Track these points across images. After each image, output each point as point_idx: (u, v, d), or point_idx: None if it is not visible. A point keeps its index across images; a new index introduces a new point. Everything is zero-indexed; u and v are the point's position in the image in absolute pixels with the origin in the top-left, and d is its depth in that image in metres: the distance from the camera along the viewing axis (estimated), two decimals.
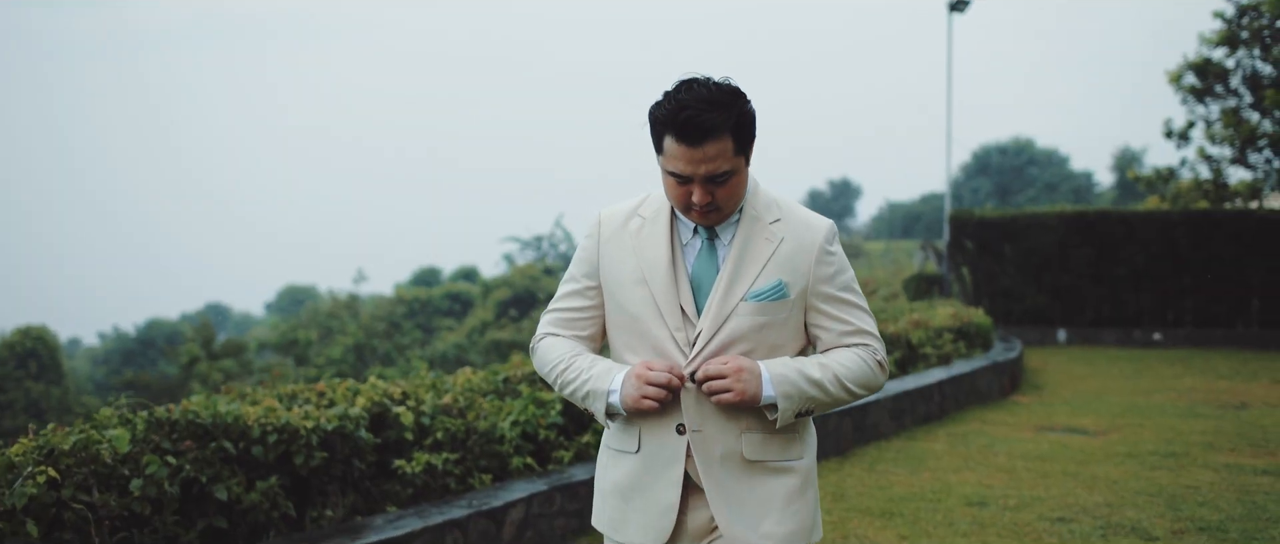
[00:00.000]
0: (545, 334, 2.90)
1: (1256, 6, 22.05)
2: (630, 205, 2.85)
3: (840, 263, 2.78)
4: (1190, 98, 23.30)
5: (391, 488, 5.65)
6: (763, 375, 2.62)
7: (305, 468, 5.19)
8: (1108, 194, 71.60)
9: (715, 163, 2.57)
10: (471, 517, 5.36)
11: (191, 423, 4.98)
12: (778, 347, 2.72)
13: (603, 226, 2.83)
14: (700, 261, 2.74)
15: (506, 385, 7.03)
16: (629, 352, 2.78)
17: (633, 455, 2.75)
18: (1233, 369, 15.51)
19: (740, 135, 2.60)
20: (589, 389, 2.72)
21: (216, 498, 4.87)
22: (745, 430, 2.69)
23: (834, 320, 2.75)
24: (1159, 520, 6.50)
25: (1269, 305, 19.68)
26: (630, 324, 2.75)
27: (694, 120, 2.53)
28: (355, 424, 5.47)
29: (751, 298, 2.67)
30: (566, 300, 2.88)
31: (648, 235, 2.76)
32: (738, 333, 2.67)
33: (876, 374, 2.77)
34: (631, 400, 2.62)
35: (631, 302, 2.74)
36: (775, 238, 2.72)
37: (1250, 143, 22.71)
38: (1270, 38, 22.25)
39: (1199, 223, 20.02)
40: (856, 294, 2.80)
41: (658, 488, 2.72)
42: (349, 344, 38.46)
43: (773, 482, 2.71)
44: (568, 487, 6.01)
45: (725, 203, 2.64)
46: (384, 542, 4.89)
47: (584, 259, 2.85)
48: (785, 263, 2.71)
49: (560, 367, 2.79)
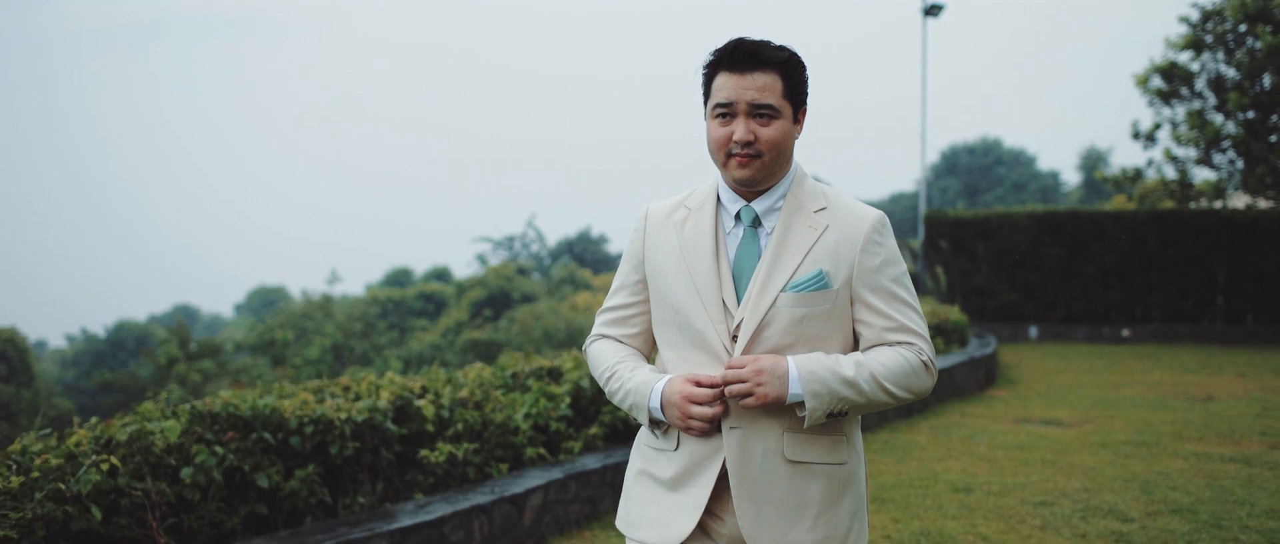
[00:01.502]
0: (597, 336, 2.89)
1: (1220, 11, 22.61)
2: (677, 198, 2.81)
3: (888, 255, 2.68)
4: (1157, 100, 23.83)
5: (414, 477, 5.98)
6: (790, 373, 2.53)
7: (339, 457, 5.52)
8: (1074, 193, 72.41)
9: (762, 92, 2.56)
10: (495, 502, 5.69)
11: (233, 415, 5.29)
12: (820, 339, 2.62)
13: (649, 219, 2.80)
14: (742, 249, 2.68)
15: (515, 380, 7.37)
16: (669, 348, 2.74)
17: (671, 453, 2.70)
18: (1199, 363, 16.00)
19: (790, 80, 2.59)
20: (632, 402, 2.70)
21: (258, 485, 5.19)
22: (788, 429, 2.60)
23: (877, 315, 2.64)
24: (1134, 503, 6.90)
25: (1233, 302, 20.23)
26: (673, 317, 2.70)
27: (745, 47, 2.57)
28: (383, 416, 5.80)
29: (791, 288, 2.60)
30: (617, 297, 2.85)
31: (692, 225, 2.71)
32: (777, 325, 2.59)
33: (921, 376, 2.64)
34: (678, 427, 2.62)
35: (675, 292, 2.69)
36: (819, 226, 2.64)
37: (1215, 144, 23.26)
38: (1233, 42, 22.81)
39: (1166, 222, 20.55)
40: (905, 289, 2.68)
41: (691, 485, 2.65)
42: (326, 344, 38.60)
43: (811, 485, 2.62)
44: (581, 475, 6.35)
45: (767, 149, 2.59)
46: (417, 525, 5.21)
47: (632, 254, 2.82)
48: (828, 252, 2.62)
49: (606, 374, 2.79)
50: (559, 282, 59.39)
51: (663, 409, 2.64)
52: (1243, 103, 22.11)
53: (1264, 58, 21.85)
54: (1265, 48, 21.52)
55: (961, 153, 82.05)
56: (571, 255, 77.86)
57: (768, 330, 2.60)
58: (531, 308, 45.86)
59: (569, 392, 7.13)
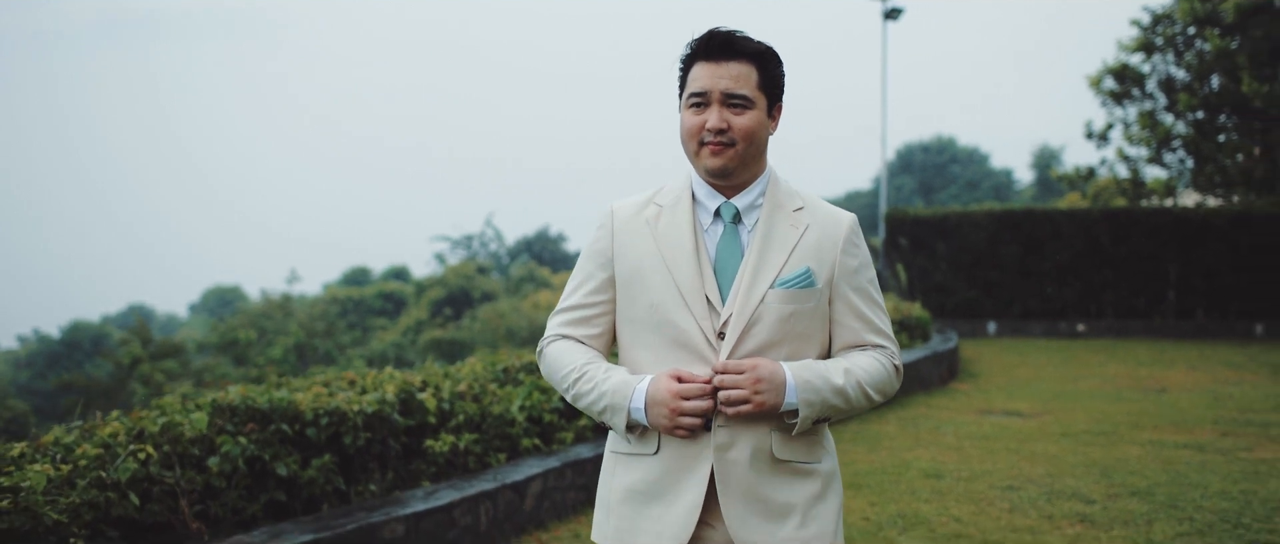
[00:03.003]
0: (556, 337, 2.77)
1: (1170, 15, 23.24)
2: (644, 196, 2.77)
3: (864, 257, 2.73)
4: (1109, 101, 24.48)
5: (417, 466, 6.28)
6: (786, 382, 2.53)
7: (352, 447, 5.82)
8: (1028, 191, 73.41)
9: (736, 82, 2.56)
10: (499, 489, 6.02)
11: (251, 407, 5.59)
12: (805, 337, 2.63)
13: (615, 217, 2.74)
14: (723, 247, 2.65)
15: (506, 374, 7.69)
16: (643, 348, 2.66)
17: (650, 457, 2.62)
18: (1152, 357, 16.54)
19: (765, 72, 2.61)
20: (606, 404, 2.59)
21: (277, 474, 5.48)
22: (774, 428, 2.58)
23: (855, 318, 2.68)
24: (1095, 487, 7.32)
25: (1184, 298, 20.84)
26: (648, 315, 2.64)
27: (721, 36, 2.59)
28: (391, 408, 6.11)
29: (780, 285, 2.59)
30: (578, 296, 2.76)
31: (667, 222, 2.67)
32: (766, 322, 2.58)
33: (893, 380, 2.70)
34: (663, 428, 2.54)
35: (652, 289, 2.63)
36: (800, 225, 2.65)
37: (1165, 144, 23.93)
38: (1183, 44, 23.46)
39: (1119, 220, 21.13)
40: (878, 292, 2.74)
41: (680, 489, 2.59)
42: (289, 344, 38.67)
43: (797, 484, 2.61)
44: (576, 463, 6.69)
45: (741, 138, 2.58)
46: (429, 511, 5.53)
47: (597, 251, 2.74)
48: (812, 251, 2.63)
49: (572, 376, 2.67)
50: (519, 280, 59.58)
51: (646, 410, 2.54)
52: (1192, 103, 22.77)
53: (1212, 60, 22.51)
54: (1213, 50, 22.18)
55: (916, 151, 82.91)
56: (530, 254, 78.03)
57: (756, 327, 2.58)
58: (493, 306, 46.11)
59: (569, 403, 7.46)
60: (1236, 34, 22.44)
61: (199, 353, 42.50)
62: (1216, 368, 14.88)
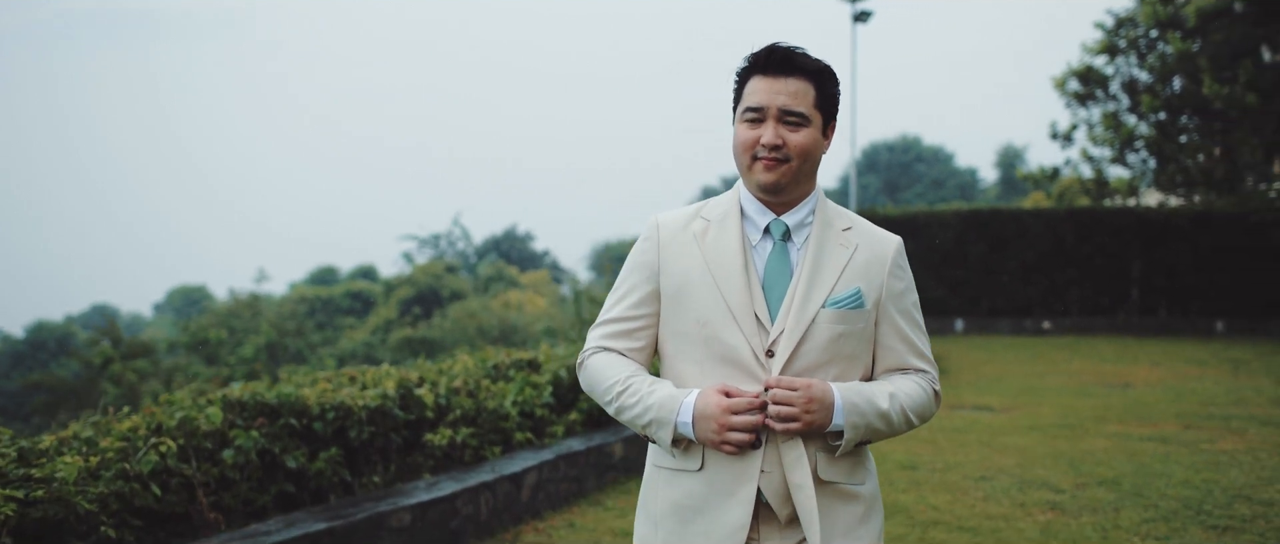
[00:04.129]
0: (597, 349, 2.73)
1: (1133, 18, 23.72)
2: (690, 209, 2.75)
3: (909, 280, 2.72)
4: (1074, 102, 24.94)
5: (416, 459, 6.52)
6: (835, 403, 2.51)
7: (357, 440, 6.06)
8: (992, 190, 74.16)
9: (794, 98, 2.54)
10: (498, 480, 6.27)
11: (260, 403, 5.82)
12: (853, 358, 2.61)
13: (661, 230, 2.71)
14: (771, 264, 2.62)
15: (497, 371, 7.93)
16: (689, 363, 2.62)
17: (694, 474, 2.58)
18: (1116, 353, 16.95)
19: (822, 90, 2.58)
20: (652, 418, 2.55)
21: (287, 466, 5.71)
22: (819, 449, 2.56)
23: (900, 340, 2.67)
24: (1064, 477, 7.64)
25: (1146, 295, 21.30)
26: (696, 330, 2.60)
27: (780, 52, 2.57)
28: (392, 403, 6.35)
29: (831, 305, 2.57)
30: (621, 309, 2.72)
31: (715, 237, 2.65)
32: (816, 342, 2.56)
33: (933, 405, 2.69)
34: (711, 443, 2.50)
35: (700, 306, 2.60)
36: (850, 245, 2.64)
37: (1128, 144, 24.41)
38: (1146, 47, 23.94)
39: (1083, 219, 21.57)
40: (920, 316, 2.74)
41: (726, 508, 2.54)
42: (260, 343, 38.70)
43: (840, 507, 2.58)
44: (568, 456, 6.95)
45: (796, 155, 2.56)
46: (433, 501, 5.77)
47: (642, 264, 2.71)
48: (861, 272, 2.62)
49: (615, 389, 2.63)
50: (488, 279, 59.71)
51: (694, 424, 2.50)
52: (1154, 105, 23.25)
53: (1174, 63, 22.99)
54: (1175, 53, 22.66)
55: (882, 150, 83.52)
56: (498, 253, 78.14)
57: (805, 346, 2.55)
58: (464, 305, 46.27)
59: (550, 381, 7.72)
60: (1197, 37, 22.93)
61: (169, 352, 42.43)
62: (1178, 364, 15.28)
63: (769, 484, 2.53)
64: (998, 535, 6.14)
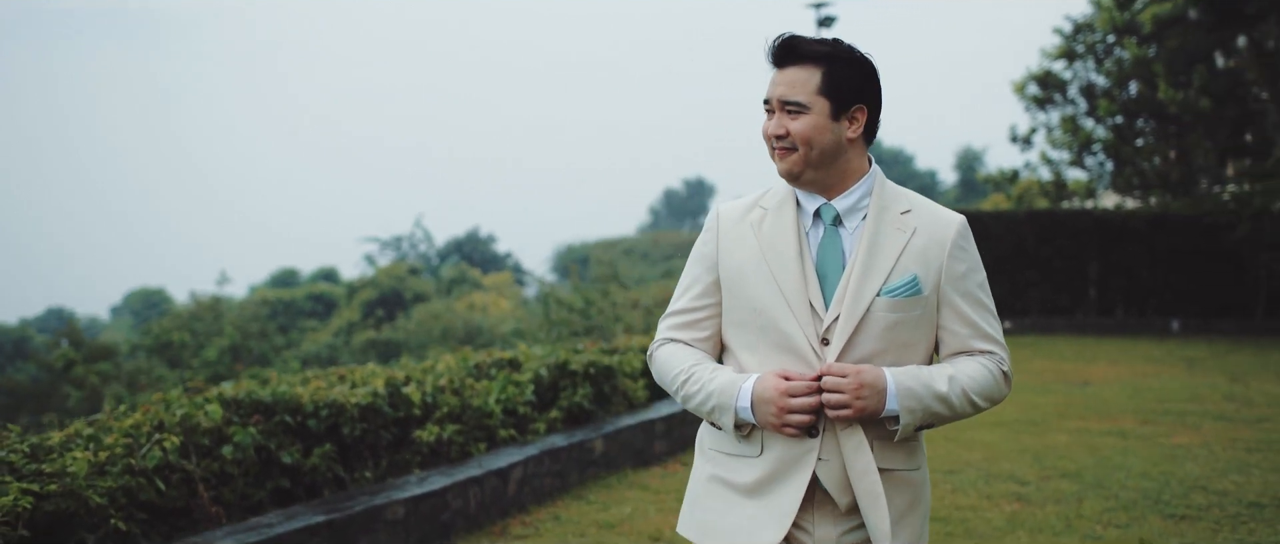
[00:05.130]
0: (665, 340, 2.79)
1: (1091, 24, 24.20)
2: (750, 199, 2.76)
3: (973, 260, 2.65)
4: (1033, 106, 25.40)
5: (405, 456, 6.71)
6: (888, 388, 2.50)
7: (350, 437, 6.25)
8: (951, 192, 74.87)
9: (792, 88, 2.56)
10: (485, 475, 6.47)
11: (256, 400, 5.99)
12: (909, 345, 2.60)
13: (721, 220, 2.74)
14: (823, 250, 2.63)
15: (479, 370, 8.13)
16: (747, 351, 2.66)
17: (753, 459, 2.62)
18: (1075, 352, 17.33)
19: (832, 77, 2.56)
20: (714, 404, 2.60)
21: (282, 462, 5.89)
22: (877, 438, 2.57)
23: (963, 323, 2.63)
24: (1029, 470, 7.92)
25: (1105, 295, 21.74)
26: (752, 319, 2.64)
27: (780, 42, 2.59)
28: (382, 400, 6.54)
29: (886, 294, 2.56)
30: (686, 300, 2.77)
31: (771, 225, 2.66)
32: (871, 331, 2.56)
33: (1001, 386, 2.64)
34: (772, 426, 2.54)
35: (756, 294, 2.62)
36: (907, 228, 2.61)
37: (1086, 147, 24.90)
38: (1103, 52, 24.42)
39: (1043, 221, 21.99)
40: (988, 296, 2.67)
41: (779, 492, 2.58)
42: (224, 345, 38.61)
43: (893, 493, 2.58)
44: (552, 451, 7.16)
45: (799, 142, 2.57)
46: (424, 495, 5.97)
47: (703, 255, 2.75)
48: (918, 256, 2.59)
49: (681, 378, 2.69)
50: (450, 281, 59.74)
51: (754, 408, 2.55)
52: (1112, 109, 23.74)
53: (1131, 68, 23.48)
54: (1132, 58, 23.14)
55: None
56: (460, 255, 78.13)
57: (861, 335, 2.56)
58: (428, 307, 46.37)
59: (531, 380, 7.92)
60: (1154, 43, 23.41)
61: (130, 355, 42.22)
62: (1136, 362, 15.66)
63: (828, 472, 2.56)
64: (966, 525, 6.40)
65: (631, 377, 9.10)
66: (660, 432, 8.52)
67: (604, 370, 8.61)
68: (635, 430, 8.19)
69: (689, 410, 2.71)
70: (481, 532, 6.36)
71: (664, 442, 8.55)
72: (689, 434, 8.88)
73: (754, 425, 2.58)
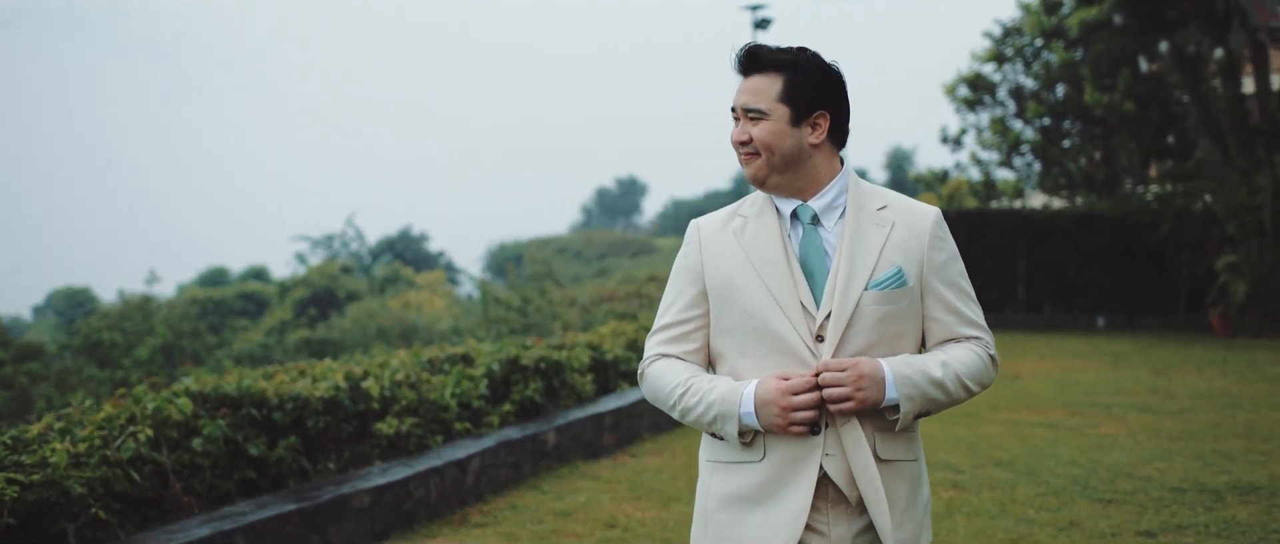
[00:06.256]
0: (656, 356, 2.79)
1: (1020, 28, 24.79)
2: (728, 209, 2.81)
3: (952, 250, 2.72)
4: (963, 107, 25.96)
5: (366, 448, 6.89)
6: (886, 377, 2.55)
7: (314, 429, 6.42)
8: None
9: (754, 95, 2.63)
10: (445, 466, 6.68)
11: (222, 394, 6.15)
12: (899, 336, 2.65)
13: (702, 232, 2.77)
14: (806, 249, 2.67)
15: (433, 365, 8.32)
16: (741, 357, 2.68)
17: (756, 465, 2.63)
18: (1004, 349, 17.76)
19: (793, 85, 2.63)
20: (717, 413, 2.61)
21: (249, 454, 6.06)
22: (877, 429, 2.61)
23: (948, 311, 2.69)
24: (964, 459, 8.27)
25: (1032, 293, 22.30)
26: (744, 323, 2.66)
27: (743, 51, 2.67)
28: (344, 394, 6.72)
29: (874, 287, 2.61)
30: (673, 313, 2.79)
31: (753, 231, 2.70)
32: (862, 324, 2.60)
33: (990, 370, 2.71)
34: (778, 429, 2.56)
35: (747, 300, 2.65)
36: (886, 223, 2.66)
37: (1015, 148, 25.51)
38: (1031, 56, 25.04)
39: (973, 220, 22.50)
40: (969, 283, 2.74)
41: (787, 495, 2.59)
42: (156, 345, 38.24)
43: (896, 484, 2.62)
44: (507, 444, 7.38)
45: (761, 148, 2.63)
46: (388, 484, 6.17)
47: (686, 267, 2.78)
48: (899, 249, 2.64)
49: (678, 392, 2.69)
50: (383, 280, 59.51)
51: (758, 413, 2.56)
52: (1039, 111, 24.36)
53: (1058, 71, 24.11)
54: (1059, 62, 23.78)
55: None
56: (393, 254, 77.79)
57: (852, 329, 2.60)
58: (362, 306, 46.22)
59: (484, 374, 8.13)
60: (1080, 47, 24.05)
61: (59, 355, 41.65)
62: (1063, 357, 16.15)
63: (835, 467, 2.58)
64: None
65: (579, 371, 9.33)
66: (609, 424, 8.76)
67: (554, 365, 8.83)
68: (585, 423, 8.42)
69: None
70: (442, 520, 6.57)
71: (613, 434, 8.79)
72: (636, 427, 9.15)
73: (757, 431, 2.61)
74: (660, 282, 27.37)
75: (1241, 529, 6.21)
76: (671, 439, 9.28)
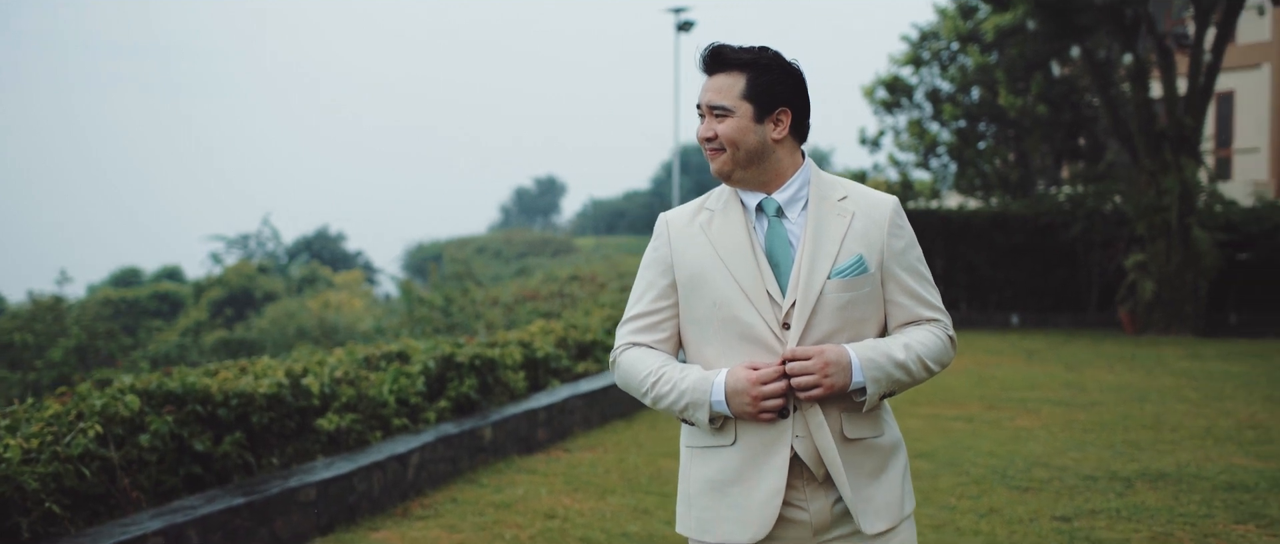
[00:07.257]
0: (627, 345, 2.89)
1: (936, 32, 25.33)
2: (695, 203, 2.91)
3: (910, 237, 2.82)
4: (881, 109, 26.44)
5: (306, 444, 7.00)
6: (851, 363, 2.65)
7: (259, 425, 6.53)
8: None
9: (718, 93, 2.72)
10: (387, 460, 6.81)
11: (167, 391, 6.24)
12: (862, 321, 2.74)
13: (671, 227, 2.87)
14: (771, 240, 2.76)
15: (369, 362, 8.43)
16: (710, 345, 2.78)
17: (728, 449, 2.74)
18: None
19: (755, 83, 2.73)
20: (688, 402, 2.71)
21: (195, 450, 6.15)
22: (844, 410, 2.71)
23: (907, 295, 2.79)
24: None
25: (949, 291, 22.72)
26: (713, 313, 2.75)
27: (711, 49, 2.76)
28: (287, 390, 6.83)
29: (836, 275, 2.70)
30: (644, 304, 2.88)
31: (720, 224, 2.80)
32: (826, 313, 2.69)
33: (949, 350, 2.82)
34: (748, 416, 2.66)
35: (716, 290, 2.74)
36: (847, 213, 2.76)
37: (931, 150, 26.04)
38: (948, 59, 25.59)
39: None
40: (926, 269, 2.84)
41: (760, 476, 2.70)
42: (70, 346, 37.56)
43: (866, 459, 2.74)
44: (446, 439, 7.53)
45: (726, 144, 2.73)
46: (332, 478, 6.30)
47: (656, 260, 2.87)
48: (860, 237, 2.74)
49: (650, 380, 2.78)
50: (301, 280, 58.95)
51: (728, 401, 2.67)
52: (955, 113, 24.91)
53: (973, 74, 24.66)
54: (974, 66, 24.31)
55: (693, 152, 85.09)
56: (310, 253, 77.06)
57: (817, 316, 2.69)
58: (280, 306, 45.77)
59: (421, 371, 8.26)
60: (995, 51, 24.62)
61: None
62: (979, 354, 16.57)
63: (804, 448, 2.69)
64: None
65: (512, 369, 9.49)
66: (542, 420, 8.92)
67: (488, 362, 8.99)
68: (520, 419, 8.58)
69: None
70: (385, 513, 6.70)
71: (546, 429, 8.96)
72: (569, 423, 9.33)
73: (727, 417, 2.72)
74: (582, 281, 27.53)
75: (1150, 513, 6.55)
76: (603, 434, 9.47)
